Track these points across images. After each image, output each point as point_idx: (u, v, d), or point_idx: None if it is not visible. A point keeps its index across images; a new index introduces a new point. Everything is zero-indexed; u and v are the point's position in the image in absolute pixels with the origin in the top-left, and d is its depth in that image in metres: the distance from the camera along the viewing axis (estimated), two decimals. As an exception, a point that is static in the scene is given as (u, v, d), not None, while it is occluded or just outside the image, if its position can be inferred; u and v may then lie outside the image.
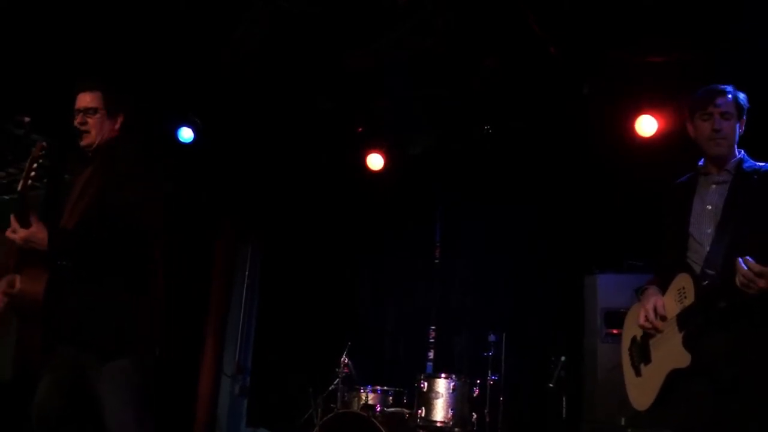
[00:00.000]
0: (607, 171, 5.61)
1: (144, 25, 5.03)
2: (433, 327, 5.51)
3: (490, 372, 4.98)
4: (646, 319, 2.85)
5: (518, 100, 5.72)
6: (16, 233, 2.71)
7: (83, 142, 3.06)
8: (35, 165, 2.79)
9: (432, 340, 5.49)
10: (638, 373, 2.99)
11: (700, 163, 3.02)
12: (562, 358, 4.79)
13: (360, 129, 6.36)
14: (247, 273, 7.85)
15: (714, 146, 2.91)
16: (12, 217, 2.72)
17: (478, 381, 4.94)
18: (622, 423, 4.53)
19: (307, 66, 5.56)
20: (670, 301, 2.82)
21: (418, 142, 6.46)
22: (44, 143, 2.86)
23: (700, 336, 2.65)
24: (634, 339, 3.04)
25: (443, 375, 4.83)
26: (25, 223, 2.70)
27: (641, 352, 2.97)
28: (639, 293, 3.04)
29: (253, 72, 5.62)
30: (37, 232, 2.71)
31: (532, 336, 5.61)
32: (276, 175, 7.07)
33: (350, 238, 7.04)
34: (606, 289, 5.01)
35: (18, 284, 2.80)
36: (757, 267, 2.42)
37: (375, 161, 6.55)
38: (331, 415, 4.95)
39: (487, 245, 6.17)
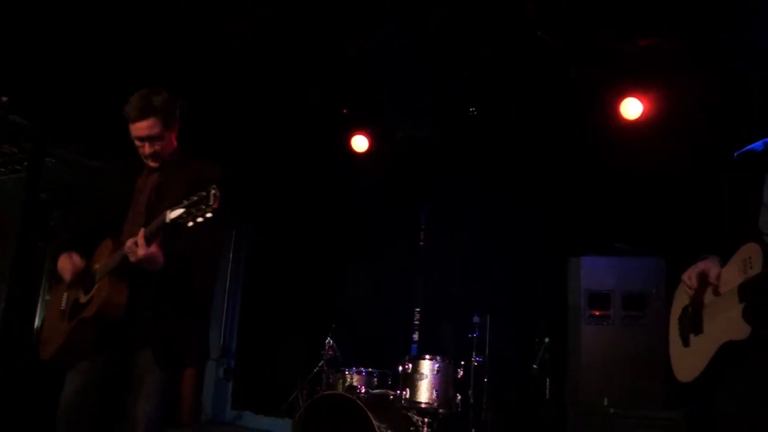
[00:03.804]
0: (593, 154, 5.63)
1: (131, 9, 4.98)
2: (418, 309, 5.51)
3: (474, 353, 5.00)
4: (691, 283, 2.73)
5: (505, 84, 5.71)
6: (138, 247, 2.63)
7: (153, 164, 3.01)
8: (207, 211, 2.54)
9: (417, 323, 5.48)
10: (686, 344, 2.85)
11: None
12: (546, 340, 4.82)
13: (345, 111, 6.34)
14: (231, 256, 7.84)
15: None
16: (142, 231, 2.65)
17: (463, 362, 4.95)
18: (605, 403, 4.58)
19: (295, 55, 5.53)
20: (733, 271, 2.65)
21: (405, 128, 6.46)
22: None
23: (764, 308, 2.50)
24: (685, 308, 2.89)
25: (428, 357, 4.83)
26: (149, 242, 2.65)
27: (693, 322, 2.82)
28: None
29: (242, 60, 5.59)
30: (158, 254, 2.67)
31: (517, 318, 5.63)
32: (261, 161, 7.03)
33: (335, 222, 7.03)
34: (590, 271, 5.04)
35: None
36: None
37: (360, 143, 6.54)
38: (315, 397, 4.95)
39: (472, 228, 6.18)
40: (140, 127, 2.94)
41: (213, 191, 2.48)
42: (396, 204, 6.52)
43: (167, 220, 2.55)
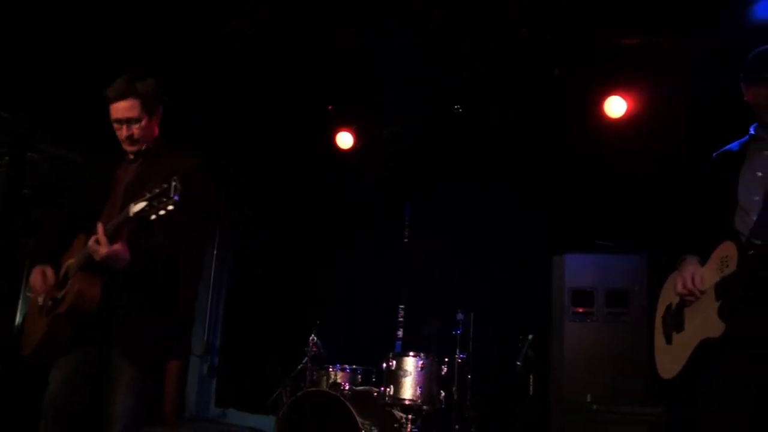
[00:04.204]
0: (577, 152, 5.65)
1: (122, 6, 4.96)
2: (402, 306, 5.52)
3: (458, 350, 5.00)
4: (684, 286, 2.74)
5: (491, 81, 5.72)
6: (100, 245, 2.60)
7: (131, 149, 2.96)
8: (168, 204, 2.48)
9: (401, 320, 5.49)
10: (669, 341, 2.90)
11: (752, 130, 2.85)
12: (530, 337, 4.83)
13: (330, 107, 6.34)
14: (215, 254, 7.80)
15: None
16: (101, 228, 2.62)
17: (446, 359, 4.96)
18: (588, 400, 4.60)
19: (283, 51, 5.52)
20: (711, 270, 2.70)
21: (391, 124, 6.47)
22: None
23: (739, 306, 2.56)
24: (669, 306, 2.94)
25: (411, 353, 4.83)
26: (112, 239, 2.61)
27: (675, 320, 2.87)
28: (678, 263, 2.89)
29: (233, 57, 5.58)
30: (122, 252, 2.63)
31: (500, 315, 5.65)
32: (246, 159, 7.00)
33: (321, 218, 7.02)
34: (573, 268, 5.07)
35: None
36: None
37: (345, 140, 6.54)
38: (299, 394, 4.95)
39: (456, 225, 6.19)
40: (118, 108, 2.90)
41: (174, 183, 2.45)
42: (381, 202, 6.52)
43: (131, 214, 2.51)
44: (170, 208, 2.46)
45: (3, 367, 5.16)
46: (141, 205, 2.48)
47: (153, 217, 2.48)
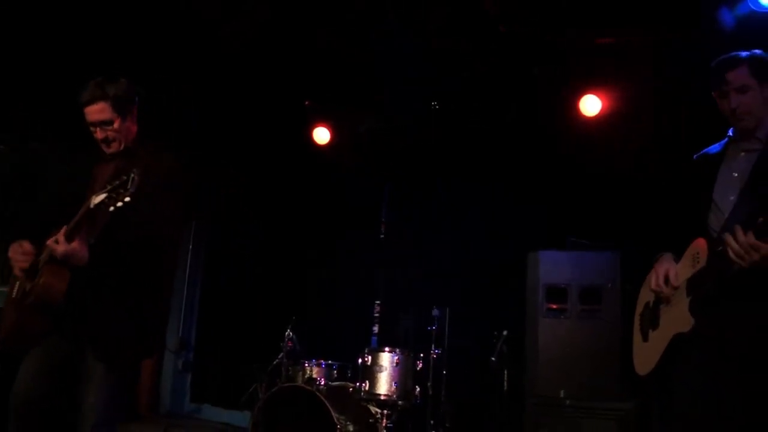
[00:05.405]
0: (552, 150, 5.69)
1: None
2: (378, 302, 5.53)
3: (433, 346, 5.02)
4: (657, 283, 2.82)
5: (467, 78, 5.74)
6: (58, 244, 2.66)
7: (110, 151, 3.03)
8: (125, 195, 2.53)
9: (377, 315, 5.50)
10: (645, 338, 2.96)
11: (730, 132, 2.92)
12: (504, 333, 4.86)
13: (307, 102, 6.33)
14: (190, 247, 7.76)
15: (737, 123, 2.82)
16: (63, 229, 2.68)
17: (422, 355, 4.98)
18: (562, 395, 4.65)
19: (279, 52, 5.51)
20: (684, 266, 2.76)
21: (366, 120, 6.47)
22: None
23: (709, 302, 2.61)
24: (647, 304, 3.01)
25: (387, 349, 4.84)
26: (69, 237, 2.66)
27: (651, 318, 2.93)
28: (654, 260, 2.96)
29: (233, 57, 5.56)
30: (80, 250, 2.68)
31: (475, 311, 5.68)
32: (222, 151, 6.96)
33: (298, 215, 7.00)
34: (548, 265, 5.09)
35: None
36: (750, 239, 2.38)
37: (321, 135, 6.53)
38: (275, 389, 4.94)
39: (432, 221, 6.21)
40: (90, 112, 2.96)
41: (133, 175, 2.51)
42: (357, 198, 6.52)
43: (91, 206, 2.57)
44: (127, 199, 2.51)
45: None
46: (101, 197, 2.55)
47: (111, 208, 2.53)
